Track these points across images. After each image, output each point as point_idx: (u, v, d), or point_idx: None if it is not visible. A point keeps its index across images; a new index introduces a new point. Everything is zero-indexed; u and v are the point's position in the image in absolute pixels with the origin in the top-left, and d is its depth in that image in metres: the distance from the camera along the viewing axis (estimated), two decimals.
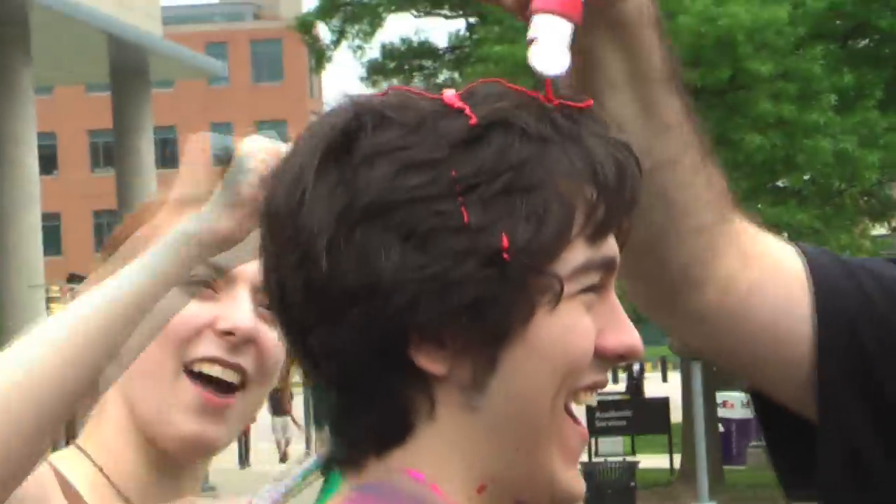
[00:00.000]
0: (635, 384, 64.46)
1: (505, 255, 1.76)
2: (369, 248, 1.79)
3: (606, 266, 1.84)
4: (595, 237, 1.81)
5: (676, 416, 39.53)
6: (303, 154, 1.86)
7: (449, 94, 1.86)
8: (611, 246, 1.84)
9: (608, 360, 1.86)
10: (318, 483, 2.05)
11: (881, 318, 2.72)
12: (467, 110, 1.80)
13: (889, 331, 2.72)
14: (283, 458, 41.95)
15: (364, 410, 1.85)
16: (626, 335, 1.86)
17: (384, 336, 1.79)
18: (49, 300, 33.91)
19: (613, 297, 1.89)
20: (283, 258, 1.84)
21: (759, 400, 2.78)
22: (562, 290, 1.78)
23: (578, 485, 1.87)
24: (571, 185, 1.81)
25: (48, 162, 47.78)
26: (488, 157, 1.79)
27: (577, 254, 1.80)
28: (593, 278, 1.82)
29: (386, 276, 1.77)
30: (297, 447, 41.94)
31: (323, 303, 1.80)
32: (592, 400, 1.93)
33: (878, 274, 2.90)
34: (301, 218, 1.80)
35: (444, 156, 1.79)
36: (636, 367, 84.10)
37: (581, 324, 1.81)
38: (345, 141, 1.81)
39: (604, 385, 1.93)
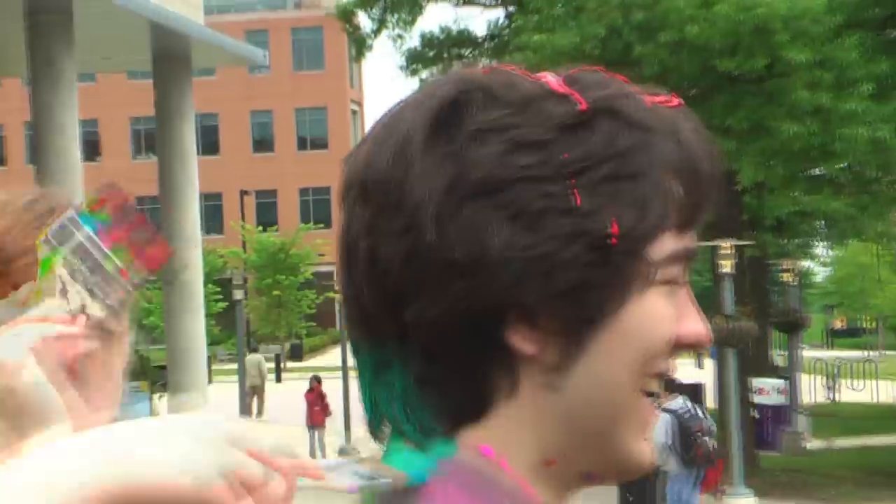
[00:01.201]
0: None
1: (613, 240, 1.76)
2: (478, 223, 1.75)
3: (689, 256, 1.86)
4: (683, 228, 1.82)
5: (710, 402, 38.11)
6: (409, 122, 1.81)
7: (551, 78, 1.85)
8: (693, 238, 1.86)
9: (682, 347, 1.87)
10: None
11: None
12: (575, 96, 1.80)
13: None
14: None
15: (446, 385, 1.82)
16: (699, 324, 1.87)
17: (483, 312, 1.76)
18: None
19: (687, 287, 1.90)
20: (382, 224, 1.80)
21: None
22: (654, 276, 1.79)
23: (649, 455, 1.89)
24: (670, 176, 1.80)
25: (91, 148, 47.82)
26: (597, 143, 1.77)
27: (667, 243, 1.81)
28: (677, 269, 1.83)
29: (493, 252, 1.73)
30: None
31: (425, 273, 1.77)
32: (659, 387, 1.91)
33: None
34: (408, 185, 1.77)
35: (554, 138, 1.77)
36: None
37: (665, 311, 1.81)
38: (454, 114, 1.78)
39: (671, 373, 1.94)
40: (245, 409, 47.58)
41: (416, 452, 1.81)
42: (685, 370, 62.61)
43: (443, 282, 1.73)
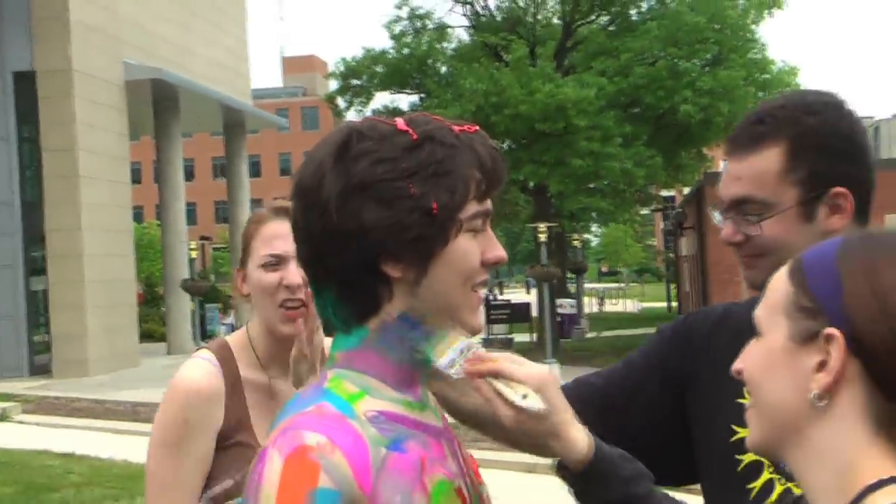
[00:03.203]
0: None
1: (435, 212, 1.72)
2: (359, 208, 1.72)
3: (486, 215, 1.81)
4: (482, 198, 1.79)
5: (535, 313, 39.21)
6: (321, 153, 1.79)
7: (399, 121, 1.81)
8: (488, 203, 1.81)
9: (490, 264, 1.81)
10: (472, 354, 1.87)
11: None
12: (410, 131, 1.77)
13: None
14: None
15: (353, 298, 1.78)
16: (498, 250, 1.83)
17: (368, 255, 1.73)
18: (190, 250, 33.75)
19: (490, 231, 1.84)
20: (309, 213, 1.77)
21: None
22: (462, 227, 1.76)
23: (478, 324, 1.83)
24: (468, 171, 1.77)
25: (188, 175, 47.12)
26: (424, 157, 1.74)
27: (470, 208, 1.77)
28: (478, 221, 1.79)
29: (369, 224, 1.72)
30: None
31: (334, 238, 1.74)
32: (483, 290, 1.86)
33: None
34: (322, 190, 1.75)
35: (399, 155, 1.74)
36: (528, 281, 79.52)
37: (472, 247, 1.78)
38: (344, 147, 1.76)
39: (487, 282, 1.87)
40: None
41: (345, 336, 1.82)
42: (521, 295, 62.21)
43: (344, 242, 1.73)
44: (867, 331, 1.43)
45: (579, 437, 1.84)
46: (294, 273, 2.81)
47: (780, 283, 1.56)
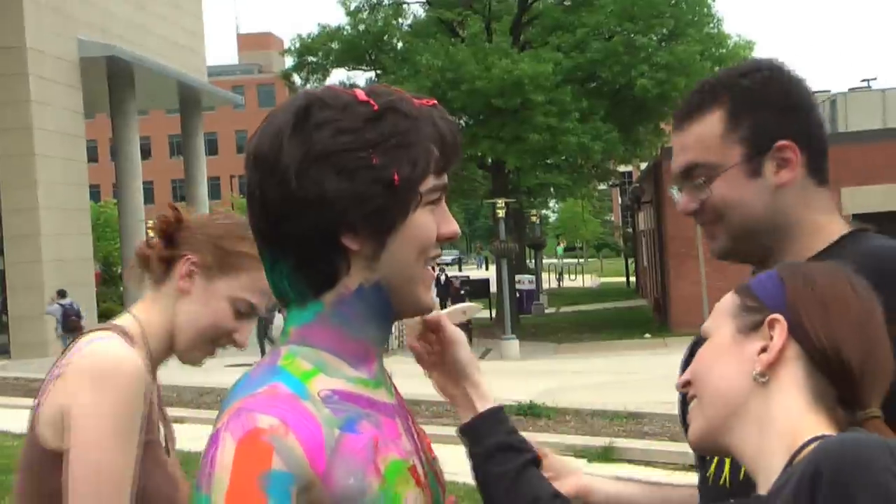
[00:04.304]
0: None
1: (396, 183, 1.71)
2: (319, 177, 1.69)
3: (443, 189, 1.80)
4: (440, 172, 1.78)
5: (493, 288, 39.67)
6: (280, 119, 1.75)
7: (359, 91, 1.78)
8: (445, 177, 1.80)
9: (443, 239, 1.81)
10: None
11: None
12: (371, 102, 1.74)
13: None
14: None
15: (310, 271, 1.75)
16: (452, 225, 1.82)
17: (327, 227, 1.71)
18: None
19: (444, 205, 1.83)
20: (266, 180, 1.73)
21: None
22: (421, 201, 1.75)
23: (431, 301, 1.85)
24: (429, 145, 1.75)
25: (145, 153, 46.96)
26: (385, 128, 1.72)
27: (430, 181, 1.76)
28: (436, 195, 1.78)
29: (329, 194, 1.69)
30: None
31: (292, 207, 1.70)
32: (434, 263, 1.86)
33: None
34: (281, 157, 1.71)
35: (360, 126, 1.71)
36: (478, 259, 78.69)
37: (429, 220, 1.76)
38: (304, 114, 1.72)
39: (439, 256, 1.86)
40: None
41: (300, 310, 1.79)
42: (481, 272, 62.55)
43: (303, 212, 1.70)
44: (807, 317, 1.66)
45: (488, 394, 2.01)
46: (247, 335, 2.64)
47: (726, 298, 1.80)
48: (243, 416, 1.62)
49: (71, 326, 27.39)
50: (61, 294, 28.71)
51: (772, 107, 2.10)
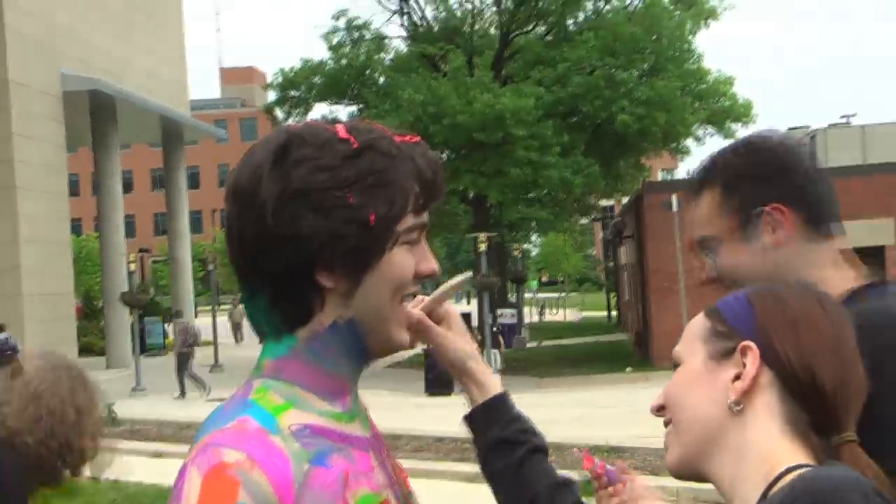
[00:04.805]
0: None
1: (372, 222, 1.70)
2: (296, 214, 1.68)
3: (422, 227, 1.80)
4: (419, 211, 1.77)
5: (475, 322, 39.25)
6: (259, 155, 1.74)
7: (340, 128, 1.78)
8: (425, 216, 1.80)
9: (422, 277, 1.81)
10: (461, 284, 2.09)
11: None
12: (351, 139, 1.74)
13: None
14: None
15: (285, 306, 1.74)
16: (431, 263, 1.82)
17: (302, 264, 1.70)
18: (129, 262, 33.53)
19: (424, 243, 1.83)
20: (244, 215, 1.73)
21: None
22: (398, 240, 1.74)
23: (406, 339, 1.82)
24: (408, 183, 1.74)
25: (127, 186, 46.79)
26: (363, 166, 1.71)
27: (408, 220, 1.75)
28: (414, 234, 1.78)
29: (305, 231, 1.69)
30: None
31: (268, 243, 1.70)
32: (411, 301, 1.85)
33: None
34: (259, 193, 1.70)
35: (338, 164, 1.71)
36: (457, 294, 79.30)
37: (406, 259, 1.76)
38: (283, 151, 1.72)
39: (416, 295, 1.88)
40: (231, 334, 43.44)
41: (275, 343, 1.78)
42: (462, 306, 62.15)
43: (279, 248, 1.70)
44: (778, 342, 1.67)
45: (492, 377, 2.12)
46: None
47: (696, 321, 1.81)
48: (210, 450, 1.62)
49: (4, 361, 28.49)
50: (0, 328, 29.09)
51: (759, 176, 2.27)
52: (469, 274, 2.18)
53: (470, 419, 2.08)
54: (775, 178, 2.26)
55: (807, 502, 1.48)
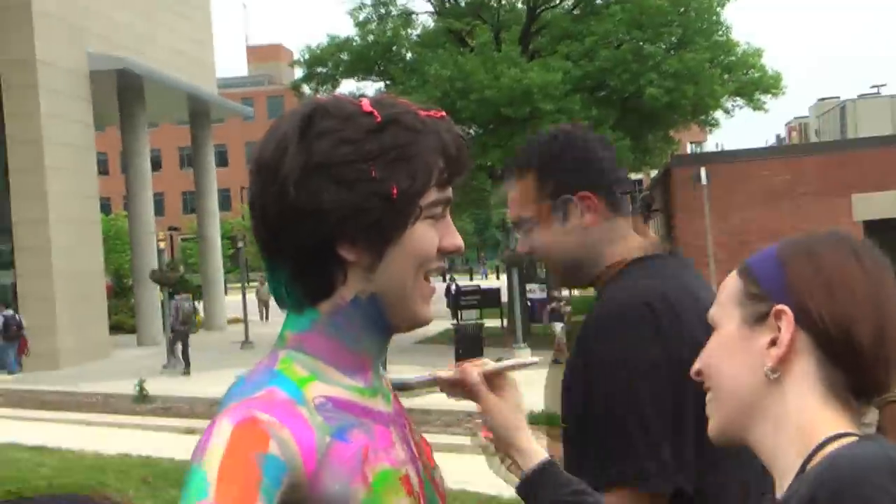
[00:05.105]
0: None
1: (394, 196, 1.72)
2: (319, 187, 1.70)
3: (446, 202, 1.81)
4: (442, 186, 1.79)
5: (504, 298, 39.37)
6: (285, 128, 1.76)
7: (365, 101, 1.79)
8: (449, 191, 1.81)
9: (446, 252, 1.81)
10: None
11: None
12: (375, 113, 1.75)
13: None
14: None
15: (307, 280, 1.76)
16: (455, 238, 1.82)
17: (324, 237, 1.72)
18: (158, 241, 33.85)
19: (449, 218, 1.84)
20: (266, 189, 1.75)
21: None
22: (421, 214, 1.76)
23: (429, 314, 1.83)
24: (431, 158, 1.76)
25: (155, 165, 47.07)
26: (386, 140, 1.73)
27: (431, 195, 1.76)
28: (438, 209, 1.79)
29: (327, 205, 1.70)
30: None
31: (291, 217, 1.72)
32: (438, 276, 1.88)
33: None
34: (282, 166, 1.72)
35: (362, 137, 1.72)
36: (482, 270, 78.32)
37: (429, 234, 1.77)
38: (307, 123, 1.74)
39: (443, 270, 1.87)
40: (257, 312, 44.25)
41: (297, 317, 1.80)
42: (492, 281, 61.81)
43: (301, 222, 1.71)
44: (812, 302, 1.62)
45: (537, 446, 2.14)
46: None
47: (729, 280, 1.76)
48: (241, 408, 1.61)
49: (11, 335, 29.51)
50: (5, 305, 29.60)
51: (570, 167, 2.63)
52: (536, 360, 2.24)
53: (522, 488, 2.10)
54: (584, 168, 2.63)
55: (827, 490, 1.44)
